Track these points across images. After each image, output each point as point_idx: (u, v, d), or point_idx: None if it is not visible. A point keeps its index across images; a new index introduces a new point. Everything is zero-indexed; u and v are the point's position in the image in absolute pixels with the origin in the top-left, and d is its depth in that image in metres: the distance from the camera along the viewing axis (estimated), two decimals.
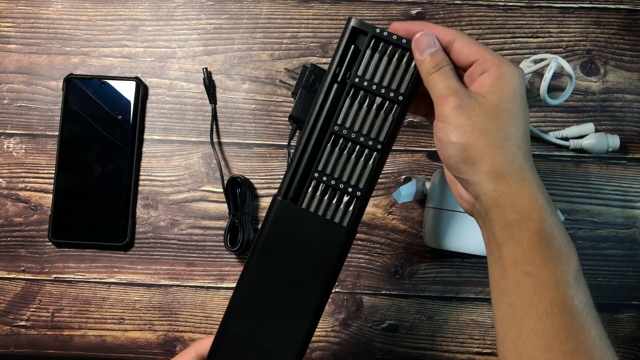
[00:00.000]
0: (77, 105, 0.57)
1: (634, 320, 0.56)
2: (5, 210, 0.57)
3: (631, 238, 0.57)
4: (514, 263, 0.32)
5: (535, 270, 0.32)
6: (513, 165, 0.33)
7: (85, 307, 0.56)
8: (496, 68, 0.34)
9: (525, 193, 0.32)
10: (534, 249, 0.32)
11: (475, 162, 0.33)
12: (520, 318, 0.32)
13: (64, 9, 0.60)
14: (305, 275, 0.36)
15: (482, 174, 0.33)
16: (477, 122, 0.33)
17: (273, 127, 0.58)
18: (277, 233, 0.36)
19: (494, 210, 0.33)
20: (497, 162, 0.33)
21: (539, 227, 0.32)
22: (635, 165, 0.58)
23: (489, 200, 0.33)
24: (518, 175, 0.33)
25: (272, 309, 0.36)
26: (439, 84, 0.34)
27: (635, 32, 0.59)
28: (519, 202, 0.32)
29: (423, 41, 0.35)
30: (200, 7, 0.60)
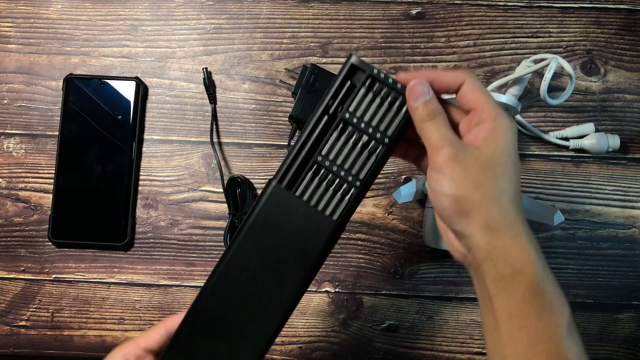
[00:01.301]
0: (77, 105, 0.57)
1: (634, 320, 0.56)
2: (5, 210, 0.57)
3: (631, 238, 0.57)
4: (507, 316, 0.33)
5: (528, 324, 0.32)
6: (506, 220, 0.33)
7: (85, 307, 0.56)
8: (491, 121, 0.34)
9: (517, 247, 0.33)
10: (527, 302, 0.32)
11: (470, 215, 0.33)
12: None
13: (64, 9, 0.60)
14: (287, 264, 0.36)
15: (476, 227, 0.33)
16: (472, 175, 0.33)
17: (273, 127, 0.58)
18: (265, 217, 0.36)
19: (486, 263, 0.33)
20: (491, 216, 0.33)
21: (532, 282, 0.32)
22: (635, 165, 0.58)
23: (482, 253, 0.33)
24: (511, 229, 0.33)
25: (249, 293, 0.36)
26: (433, 134, 0.34)
27: (635, 32, 0.59)
28: (511, 256, 0.33)
29: (417, 89, 0.35)
30: (200, 7, 0.60)
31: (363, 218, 0.57)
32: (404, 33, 0.59)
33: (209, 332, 0.37)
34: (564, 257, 0.57)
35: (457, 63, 0.59)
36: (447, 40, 0.59)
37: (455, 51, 0.59)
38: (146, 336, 0.38)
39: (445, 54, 0.59)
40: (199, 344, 0.37)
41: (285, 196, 0.36)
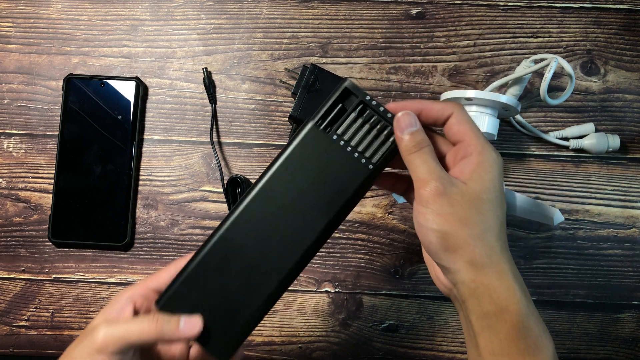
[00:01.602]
0: (77, 105, 0.57)
1: (634, 320, 0.56)
2: (5, 210, 0.57)
3: (631, 238, 0.57)
4: (491, 354, 0.33)
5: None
6: (492, 257, 0.33)
7: (85, 307, 0.56)
8: (478, 154, 0.34)
9: (502, 285, 0.33)
10: (511, 341, 0.32)
11: (456, 251, 0.33)
12: None
13: (64, 9, 0.60)
14: (315, 205, 0.36)
15: (462, 263, 0.33)
16: (459, 211, 0.33)
17: (273, 127, 0.58)
18: (299, 156, 0.36)
19: (471, 299, 0.34)
20: (476, 253, 0.33)
21: (516, 320, 0.32)
22: (635, 165, 0.58)
23: (467, 290, 0.34)
24: (496, 267, 0.33)
25: (273, 230, 0.36)
26: (420, 166, 0.34)
27: (635, 32, 0.59)
28: (496, 294, 0.33)
29: (405, 120, 0.35)
30: (200, 7, 0.60)
31: (363, 218, 0.57)
32: (404, 33, 0.59)
33: (224, 267, 0.36)
34: (564, 257, 0.57)
35: (457, 63, 0.59)
36: (447, 40, 0.59)
37: (455, 51, 0.59)
38: (155, 277, 0.38)
39: (445, 54, 0.59)
40: (212, 277, 0.36)
41: (321, 137, 0.36)
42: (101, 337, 0.34)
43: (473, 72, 0.59)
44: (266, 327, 0.56)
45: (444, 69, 0.59)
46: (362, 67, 0.59)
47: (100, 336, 0.34)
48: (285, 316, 0.56)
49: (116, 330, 0.35)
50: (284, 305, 0.56)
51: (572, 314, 0.56)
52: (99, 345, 0.34)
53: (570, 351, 0.56)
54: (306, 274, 0.57)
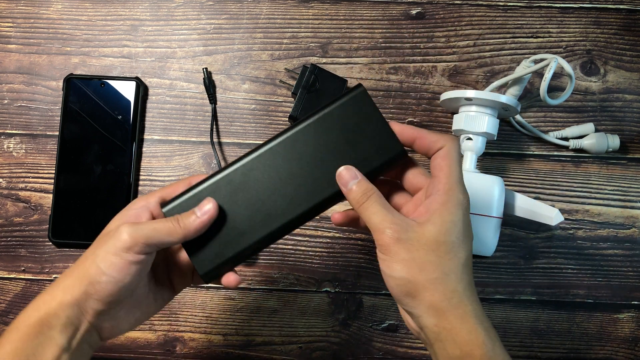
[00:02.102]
0: (77, 105, 0.57)
1: (634, 320, 0.56)
2: (5, 210, 0.57)
3: (631, 238, 0.57)
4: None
5: None
6: (453, 301, 0.34)
7: None
8: (443, 194, 0.35)
9: (465, 329, 0.33)
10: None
11: (416, 297, 0.34)
12: None
13: (64, 9, 0.60)
14: (330, 171, 0.37)
15: (423, 308, 0.34)
16: (417, 257, 0.34)
17: (273, 127, 0.58)
18: (340, 114, 0.37)
19: (437, 344, 0.34)
20: (436, 297, 0.33)
21: (481, 355, 0.33)
22: (635, 165, 0.58)
23: (431, 334, 0.34)
24: (458, 310, 0.33)
25: (292, 175, 0.37)
26: (373, 217, 0.35)
27: (635, 32, 0.59)
28: (460, 339, 0.33)
29: (345, 175, 0.36)
30: (200, 7, 0.60)
31: None
32: (404, 33, 0.59)
33: (233, 195, 0.37)
34: (563, 257, 0.57)
35: (457, 63, 0.59)
36: (447, 41, 0.59)
37: (455, 51, 0.59)
38: (169, 188, 0.39)
39: (445, 54, 0.59)
40: (219, 200, 0.37)
41: (368, 104, 0.37)
42: (127, 236, 0.35)
43: (473, 72, 0.59)
44: (266, 327, 0.56)
45: (443, 69, 0.59)
46: (362, 67, 0.59)
47: (126, 236, 0.35)
48: (285, 316, 0.56)
49: (142, 231, 0.35)
50: (284, 305, 0.56)
51: (571, 314, 0.57)
52: (126, 244, 0.34)
53: (570, 351, 0.56)
54: (306, 273, 0.57)
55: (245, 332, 0.56)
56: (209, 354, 0.56)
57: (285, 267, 0.57)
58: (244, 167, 0.37)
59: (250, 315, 0.56)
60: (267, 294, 0.57)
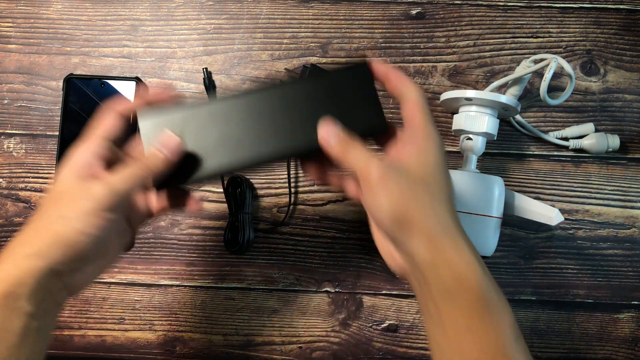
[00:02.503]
0: (77, 105, 0.57)
1: (634, 320, 0.56)
2: (6, 210, 0.57)
3: (631, 238, 0.57)
4: (455, 324, 0.33)
5: (476, 332, 0.33)
6: (445, 229, 0.34)
7: (86, 307, 0.56)
8: (422, 138, 0.36)
9: (459, 257, 0.34)
10: (474, 312, 0.33)
11: (411, 228, 0.34)
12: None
13: (64, 9, 0.60)
14: (310, 123, 0.38)
15: (418, 238, 0.34)
16: (407, 189, 0.34)
17: None
18: (343, 77, 0.39)
19: (430, 273, 0.34)
20: (432, 227, 0.34)
21: (477, 292, 0.33)
22: (635, 165, 0.58)
23: (425, 264, 0.34)
24: (452, 240, 0.34)
25: (267, 122, 0.38)
26: (358, 160, 0.36)
27: (635, 32, 0.59)
28: (455, 267, 0.33)
29: (330, 124, 0.37)
30: (200, 7, 0.60)
31: (363, 218, 0.57)
32: (404, 33, 0.59)
33: (213, 123, 0.38)
34: (563, 257, 0.57)
35: (457, 63, 0.59)
36: (447, 40, 0.59)
37: (455, 51, 0.59)
38: (104, 125, 0.38)
39: (445, 54, 0.59)
40: (198, 124, 0.38)
41: (366, 76, 0.39)
42: (104, 196, 0.35)
43: (473, 72, 0.59)
44: (266, 327, 0.56)
45: (443, 69, 0.59)
46: None
47: (102, 195, 0.35)
48: (285, 316, 0.56)
49: (117, 186, 0.35)
50: (284, 305, 0.56)
51: (571, 314, 0.57)
52: (104, 204, 0.35)
53: (570, 351, 0.56)
54: (306, 273, 0.57)
55: (245, 332, 0.56)
56: (209, 354, 0.56)
57: (285, 267, 0.57)
58: (229, 103, 0.38)
59: (250, 315, 0.56)
60: (267, 294, 0.57)
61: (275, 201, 0.57)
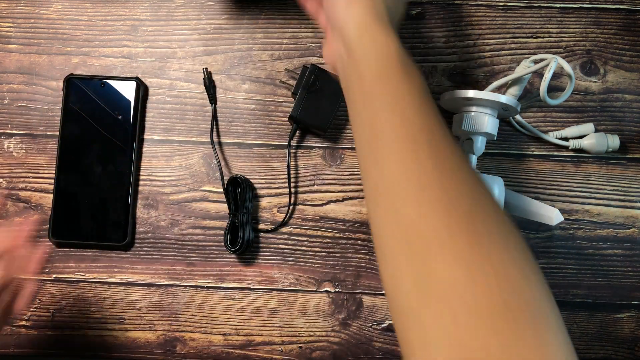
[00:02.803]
0: (77, 106, 0.57)
1: (634, 320, 0.56)
2: (6, 211, 0.57)
3: (631, 238, 0.57)
4: (371, 70, 0.37)
5: (393, 79, 0.36)
6: (379, 14, 0.39)
7: (86, 307, 0.56)
8: None
9: (385, 32, 0.38)
10: (393, 63, 0.36)
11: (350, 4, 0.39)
12: (380, 122, 0.35)
13: (64, 9, 0.60)
14: None
15: (351, 14, 0.39)
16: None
17: (273, 127, 0.58)
18: None
19: (358, 50, 0.38)
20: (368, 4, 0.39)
21: (396, 55, 0.37)
22: (635, 165, 0.58)
23: (355, 40, 0.38)
24: (383, 17, 0.39)
25: None
26: None
27: (635, 32, 0.59)
28: (379, 35, 0.38)
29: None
30: (200, 7, 0.60)
31: (363, 218, 0.57)
32: (404, 33, 0.59)
33: None
34: (563, 257, 0.57)
35: (457, 63, 0.59)
36: (447, 41, 0.59)
37: (455, 51, 0.59)
38: None
39: (445, 54, 0.59)
40: None
41: None
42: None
43: (473, 72, 0.59)
44: (266, 327, 0.56)
45: (443, 69, 0.59)
46: None
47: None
48: (285, 316, 0.56)
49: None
50: (283, 305, 0.57)
51: (571, 314, 0.57)
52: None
53: None
54: (306, 273, 0.57)
55: (245, 332, 0.56)
56: (209, 354, 0.56)
57: (285, 267, 0.57)
58: None
59: (250, 315, 0.56)
60: (267, 294, 0.57)
61: (275, 201, 0.58)
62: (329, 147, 0.58)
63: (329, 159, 0.58)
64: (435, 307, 0.29)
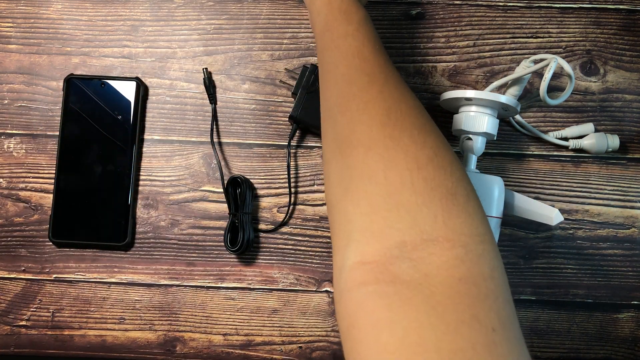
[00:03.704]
0: (77, 106, 0.57)
1: (634, 320, 0.56)
2: (6, 210, 0.57)
3: (631, 238, 0.57)
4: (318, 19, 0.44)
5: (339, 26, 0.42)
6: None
7: (86, 307, 0.56)
8: None
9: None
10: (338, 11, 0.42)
11: None
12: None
13: (64, 9, 0.60)
14: None
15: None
16: None
17: (273, 127, 0.58)
18: None
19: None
20: None
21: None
22: (634, 165, 0.58)
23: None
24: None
25: None
26: None
27: (635, 32, 0.59)
28: None
29: None
30: (200, 7, 0.60)
31: None
32: (404, 33, 0.59)
33: None
34: (563, 257, 0.57)
35: (457, 63, 0.59)
36: (446, 41, 0.59)
37: (455, 51, 0.59)
38: None
39: (445, 54, 0.59)
40: None
41: None
42: None
43: (473, 72, 0.59)
44: (266, 327, 0.56)
45: (443, 69, 0.59)
46: None
47: None
48: (285, 316, 0.56)
49: None
50: (283, 305, 0.57)
51: (571, 314, 0.57)
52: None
53: (569, 351, 0.56)
54: (306, 273, 0.57)
55: (245, 332, 0.56)
56: (208, 354, 0.56)
57: (285, 267, 0.57)
58: None
59: (250, 315, 0.56)
60: (267, 294, 0.57)
61: (275, 201, 0.58)
62: None
63: None
64: (354, 196, 0.33)
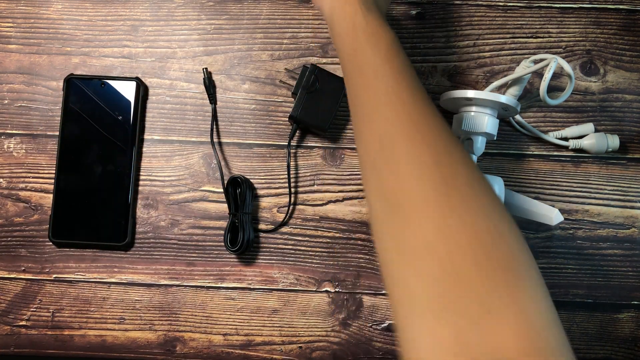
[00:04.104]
0: (77, 106, 0.57)
1: (634, 320, 0.56)
2: (6, 210, 0.57)
3: (631, 238, 0.57)
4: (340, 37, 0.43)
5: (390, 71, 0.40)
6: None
7: (86, 307, 0.56)
8: None
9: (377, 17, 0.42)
10: (392, 54, 0.41)
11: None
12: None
13: (64, 9, 0.60)
14: None
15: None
16: None
17: (273, 127, 0.58)
18: None
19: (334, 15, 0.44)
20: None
21: (392, 40, 0.41)
22: (634, 165, 0.58)
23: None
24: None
25: None
26: None
27: (635, 32, 0.59)
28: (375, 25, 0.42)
29: None
30: (200, 7, 0.60)
31: (363, 218, 0.57)
32: (404, 33, 0.59)
33: None
34: (563, 257, 0.57)
35: (457, 63, 0.59)
36: (447, 41, 0.59)
37: (455, 51, 0.59)
38: None
39: (445, 54, 0.59)
40: None
41: None
42: None
43: (473, 72, 0.59)
44: (266, 327, 0.56)
45: (443, 69, 0.59)
46: None
47: None
48: (285, 316, 0.56)
49: None
50: (283, 305, 0.57)
51: (571, 314, 0.57)
52: None
53: None
54: (306, 273, 0.57)
55: (245, 332, 0.56)
56: (208, 354, 0.56)
57: (285, 267, 0.57)
58: None
59: (250, 315, 0.56)
60: (267, 294, 0.57)
61: (275, 201, 0.58)
62: (329, 147, 0.58)
63: (329, 159, 0.58)
64: (415, 265, 0.32)
